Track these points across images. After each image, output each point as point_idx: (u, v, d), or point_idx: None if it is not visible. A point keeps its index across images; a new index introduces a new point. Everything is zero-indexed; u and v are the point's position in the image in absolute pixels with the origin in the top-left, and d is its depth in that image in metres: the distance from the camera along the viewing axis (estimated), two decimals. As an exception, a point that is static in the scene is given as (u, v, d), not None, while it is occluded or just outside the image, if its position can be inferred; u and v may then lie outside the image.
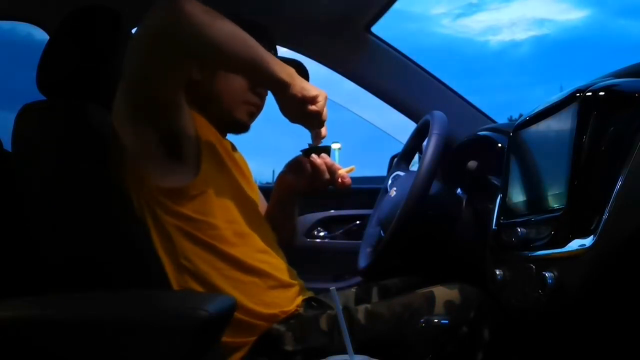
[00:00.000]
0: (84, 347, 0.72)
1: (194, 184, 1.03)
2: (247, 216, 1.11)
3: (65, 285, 0.98)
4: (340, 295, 1.21)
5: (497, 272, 0.96)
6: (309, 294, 1.17)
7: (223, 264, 1.04)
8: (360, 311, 1.07)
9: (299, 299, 1.12)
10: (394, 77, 1.78)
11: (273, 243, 1.17)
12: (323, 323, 1.05)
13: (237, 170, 1.18)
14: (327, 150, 1.17)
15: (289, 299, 1.10)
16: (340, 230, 1.96)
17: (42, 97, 1.10)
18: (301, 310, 1.10)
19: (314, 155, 1.15)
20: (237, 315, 0.98)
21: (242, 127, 1.21)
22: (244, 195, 1.15)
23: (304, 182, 1.20)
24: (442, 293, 1.10)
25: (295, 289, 1.13)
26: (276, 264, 1.12)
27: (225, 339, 0.99)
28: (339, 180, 1.16)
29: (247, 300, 1.03)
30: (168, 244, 1.02)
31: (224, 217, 1.06)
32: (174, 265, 1.01)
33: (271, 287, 1.08)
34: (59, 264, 1.02)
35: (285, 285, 1.11)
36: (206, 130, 1.10)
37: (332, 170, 1.15)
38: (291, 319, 1.07)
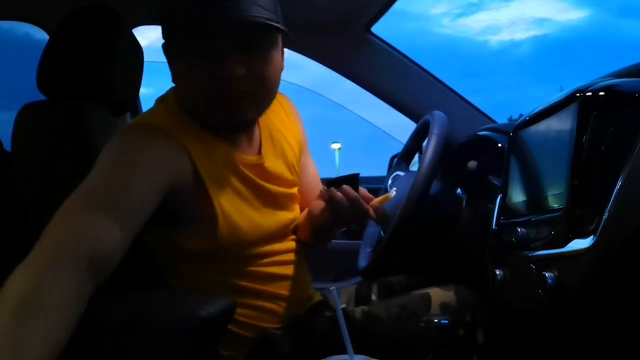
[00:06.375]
0: (83, 347, 0.72)
1: (202, 246, 0.95)
2: (260, 274, 1.02)
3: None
4: (340, 295, 1.21)
5: (497, 272, 0.96)
6: (317, 297, 1.16)
7: (227, 291, 0.99)
8: (358, 312, 1.07)
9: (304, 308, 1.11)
10: (394, 77, 1.78)
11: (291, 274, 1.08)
12: (320, 325, 1.04)
13: (261, 198, 1.02)
14: (352, 180, 0.99)
15: (293, 315, 1.07)
16: (340, 230, 1.96)
17: (42, 97, 1.11)
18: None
19: (332, 188, 0.98)
20: (235, 329, 0.97)
21: (232, 125, 0.97)
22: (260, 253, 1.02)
23: (327, 217, 1.03)
24: (438, 294, 1.10)
25: (302, 302, 1.11)
26: (286, 295, 1.06)
27: (222, 352, 0.98)
28: (370, 213, 0.99)
29: (248, 319, 1.01)
30: (167, 262, 1.01)
31: (234, 273, 1.00)
32: (173, 277, 1.01)
33: (277, 304, 1.05)
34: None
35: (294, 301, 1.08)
36: (216, 174, 0.95)
37: (357, 204, 0.97)
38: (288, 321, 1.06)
